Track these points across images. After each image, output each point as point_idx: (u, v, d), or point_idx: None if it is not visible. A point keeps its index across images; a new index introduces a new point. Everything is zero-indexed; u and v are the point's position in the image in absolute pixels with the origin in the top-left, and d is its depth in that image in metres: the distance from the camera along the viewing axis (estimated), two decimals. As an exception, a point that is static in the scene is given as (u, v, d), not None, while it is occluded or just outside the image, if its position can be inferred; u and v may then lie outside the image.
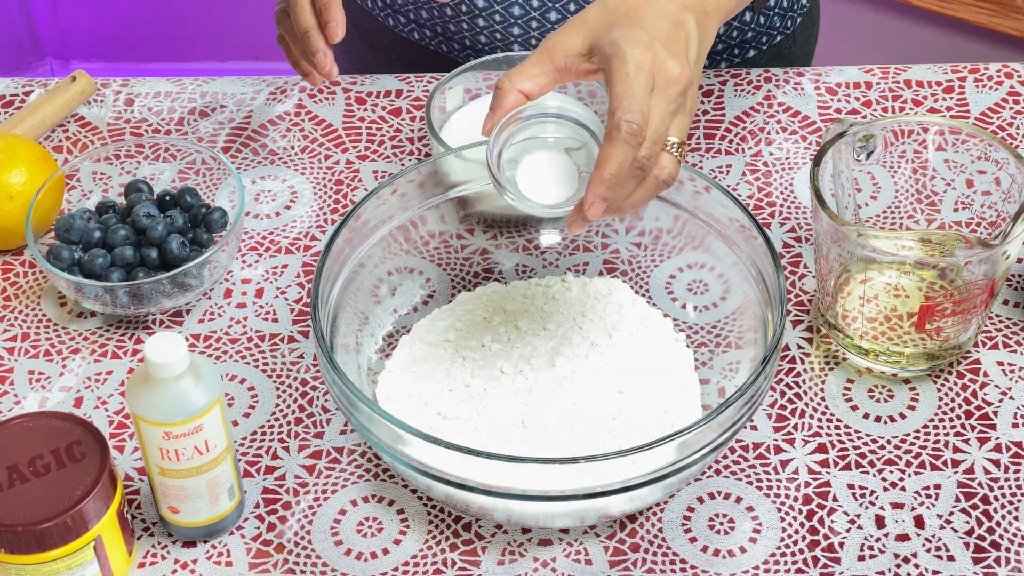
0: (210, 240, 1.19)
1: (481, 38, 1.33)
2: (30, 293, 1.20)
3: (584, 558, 1.03)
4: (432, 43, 1.37)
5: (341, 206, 1.25)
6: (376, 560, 1.03)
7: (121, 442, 1.11)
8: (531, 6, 1.29)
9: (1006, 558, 1.02)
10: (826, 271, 1.10)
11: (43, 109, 1.29)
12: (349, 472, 1.08)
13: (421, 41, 1.38)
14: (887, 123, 1.12)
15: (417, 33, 1.37)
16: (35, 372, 1.15)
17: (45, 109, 1.29)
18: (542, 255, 1.18)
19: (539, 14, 1.30)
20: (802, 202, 1.24)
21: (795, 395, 1.12)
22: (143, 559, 1.04)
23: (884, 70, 1.34)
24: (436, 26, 1.35)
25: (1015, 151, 1.09)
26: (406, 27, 1.38)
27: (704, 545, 1.04)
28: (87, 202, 1.24)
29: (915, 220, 1.17)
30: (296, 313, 1.18)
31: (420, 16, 1.35)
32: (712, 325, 1.13)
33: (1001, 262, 1.06)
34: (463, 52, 1.36)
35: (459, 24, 1.33)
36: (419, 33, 1.37)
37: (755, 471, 1.07)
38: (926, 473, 1.07)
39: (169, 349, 0.95)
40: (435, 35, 1.36)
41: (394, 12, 1.38)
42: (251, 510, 1.06)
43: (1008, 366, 1.13)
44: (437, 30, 1.35)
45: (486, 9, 1.30)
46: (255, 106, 1.33)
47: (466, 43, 1.34)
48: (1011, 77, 1.33)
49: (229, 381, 1.14)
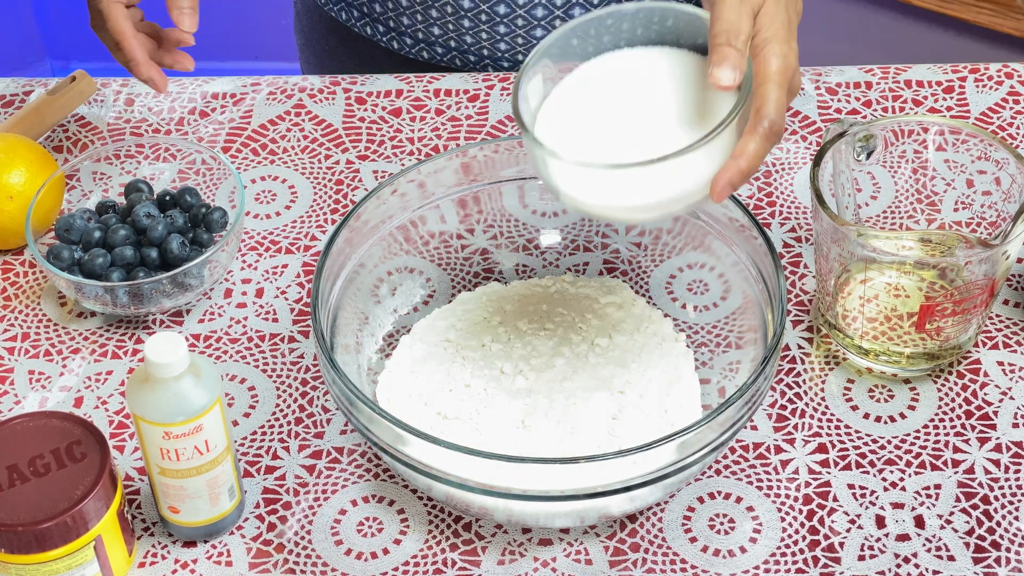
0: (210, 240, 1.18)
1: (467, 39, 1.33)
2: (30, 293, 1.20)
3: (584, 558, 1.03)
4: (413, 51, 1.37)
5: (341, 206, 1.25)
6: (376, 560, 1.03)
7: (121, 442, 1.11)
8: (516, 4, 1.29)
9: (1006, 558, 1.02)
10: (826, 271, 1.10)
11: (43, 109, 1.29)
12: (349, 472, 1.08)
13: (402, 50, 1.37)
14: (887, 123, 1.12)
15: (397, 42, 1.37)
16: (35, 372, 1.15)
17: (45, 109, 1.29)
18: (542, 255, 1.18)
19: (525, 11, 1.30)
20: (802, 202, 1.24)
21: (795, 395, 1.12)
22: (143, 559, 1.04)
23: (884, 70, 1.34)
24: (418, 32, 1.34)
25: (1015, 151, 1.09)
26: (385, 36, 1.37)
27: (704, 545, 1.04)
28: (87, 202, 1.24)
29: (915, 220, 1.17)
30: (296, 313, 1.18)
31: (401, 23, 1.35)
32: (712, 325, 1.13)
33: (1001, 262, 1.06)
34: (448, 55, 1.36)
35: (444, 26, 1.32)
36: (399, 42, 1.37)
37: (755, 471, 1.07)
38: (926, 473, 1.07)
39: (169, 349, 0.95)
40: (416, 41, 1.35)
41: (372, 22, 1.37)
42: (251, 510, 1.06)
43: (1008, 366, 1.13)
44: (419, 36, 1.35)
45: (472, 9, 1.30)
46: (255, 106, 1.33)
47: (451, 45, 1.34)
48: (1011, 77, 1.33)
49: (229, 381, 1.14)
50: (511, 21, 1.31)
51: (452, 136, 1.30)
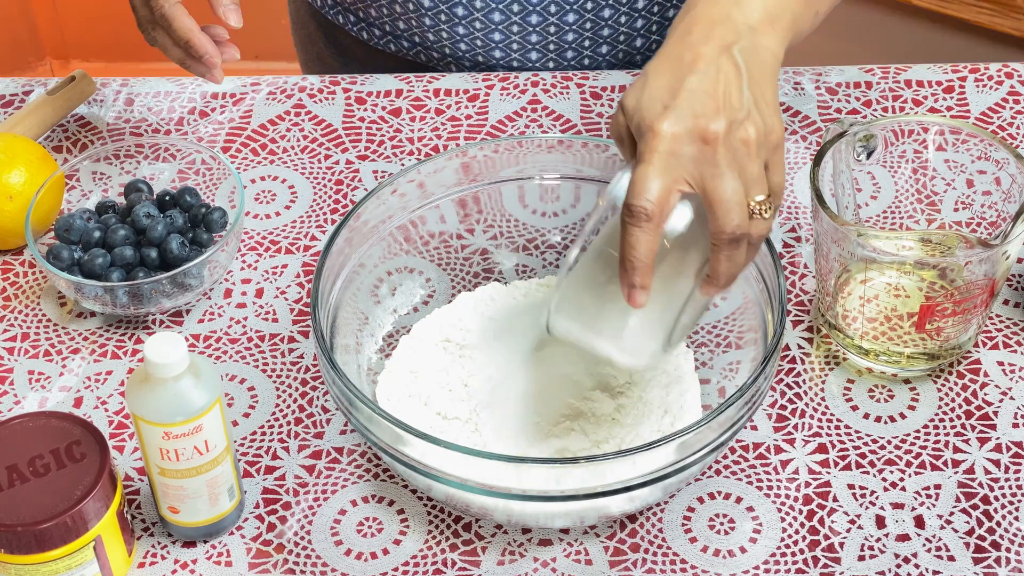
0: (210, 240, 1.18)
1: (461, 46, 1.33)
2: (30, 293, 1.20)
3: (584, 558, 1.03)
4: (410, 53, 1.37)
5: (341, 206, 1.25)
6: (376, 560, 1.03)
7: (121, 442, 1.11)
8: (511, 11, 1.29)
9: (1006, 558, 1.02)
10: (826, 271, 1.10)
11: (43, 109, 1.29)
12: (349, 472, 1.08)
13: (398, 52, 1.37)
14: (887, 123, 1.12)
15: (394, 45, 1.37)
16: (35, 372, 1.15)
17: (45, 109, 1.29)
18: (542, 255, 1.18)
19: (519, 18, 1.30)
20: (802, 202, 1.24)
21: (795, 395, 1.12)
22: (143, 559, 1.04)
23: (884, 70, 1.34)
24: (414, 36, 1.34)
25: (1015, 151, 1.09)
26: (381, 40, 1.37)
27: (704, 545, 1.04)
28: (87, 202, 1.24)
29: (915, 220, 1.17)
30: (296, 313, 1.18)
31: (397, 28, 1.35)
32: (712, 325, 1.13)
33: (1001, 262, 1.06)
34: (443, 60, 1.36)
35: (438, 33, 1.32)
36: (396, 45, 1.37)
37: (755, 471, 1.07)
38: (926, 473, 1.07)
39: (169, 349, 0.95)
40: (413, 45, 1.35)
41: (368, 26, 1.37)
42: (251, 510, 1.06)
43: (1008, 366, 1.13)
44: (415, 40, 1.35)
45: (466, 17, 1.30)
46: (255, 106, 1.33)
47: (446, 51, 1.34)
48: (1011, 77, 1.33)
49: (229, 381, 1.14)
50: (506, 28, 1.31)
51: (452, 136, 1.30)
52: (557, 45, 1.32)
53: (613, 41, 1.33)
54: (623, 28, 1.32)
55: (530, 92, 1.33)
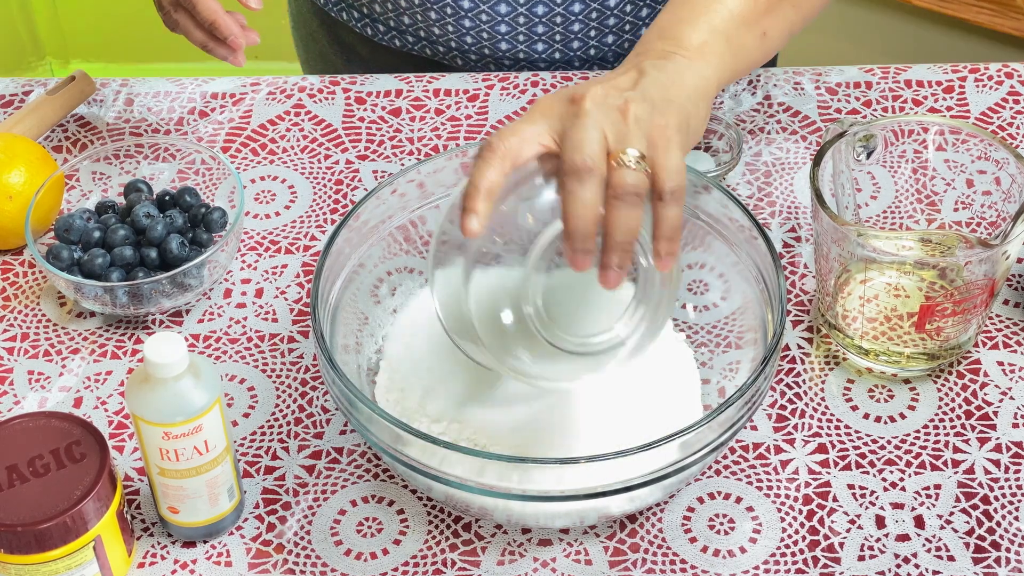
0: (210, 240, 1.18)
1: (467, 38, 1.33)
2: (30, 293, 1.20)
3: (584, 558, 1.03)
4: (415, 48, 1.37)
5: (341, 206, 1.25)
6: (376, 560, 1.03)
7: (121, 442, 1.11)
8: (517, 2, 1.29)
9: (1006, 558, 1.02)
10: (826, 271, 1.10)
11: (43, 109, 1.29)
12: (349, 472, 1.08)
13: (404, 48, 1.37)
14: (887, 123, 1.12)
15: (399, 40, 1.37)
16: (35, 372, 1.15)
17: (45, 109, 1.29)
18: (542, 255, 1.18)
19: (526, 9, 1.30)
20: (802, 202, 1.24)
21: (795, 395, 1.12)
22: (143, 559, 1.04)
23: (884, 70, 1.34)
24: (419, 31, 1.34)
25: (1015, 151, 1.09)
26: (386, 35, 1.37)
27: (704, 545, 1.04)
28: (87, 202, 1.24)
29: (915, 220, 1.17)
30: (296, 313, 1.18)
31: (402, 23, 1.35)
32: (712, 325, 1.12)
33: (1001, 262, 1.06)
34: (449, 54, 1.36)
35: (444, 26, 1.32)
36: (400, 40, 1.37)
37: (755, 471, 1.07)
38: (926, 473, 1.07)
39: (169, 349, 0.95)
40: (418, 40, 1.36)
41: (372, 22, 1.37)
42: (251, 510, 1.06)
43: (1008, 366, 1.13)
44: (420, 35, 1.35)
45: (472, 10, 1.30)
46: (255, 106, 1.33)
47: (451, 45, 1.34)
48: (1011, 77, 1.33)
49: (229, 381, 1.14)
50: (513, 19, 1.31)
51: (452, 136, 1.30)
52: (563, 35, 1.33)
53: (619, 31, 1.33)
54: (628, 17, 1.32)
55: (530, 92, 1.33)
